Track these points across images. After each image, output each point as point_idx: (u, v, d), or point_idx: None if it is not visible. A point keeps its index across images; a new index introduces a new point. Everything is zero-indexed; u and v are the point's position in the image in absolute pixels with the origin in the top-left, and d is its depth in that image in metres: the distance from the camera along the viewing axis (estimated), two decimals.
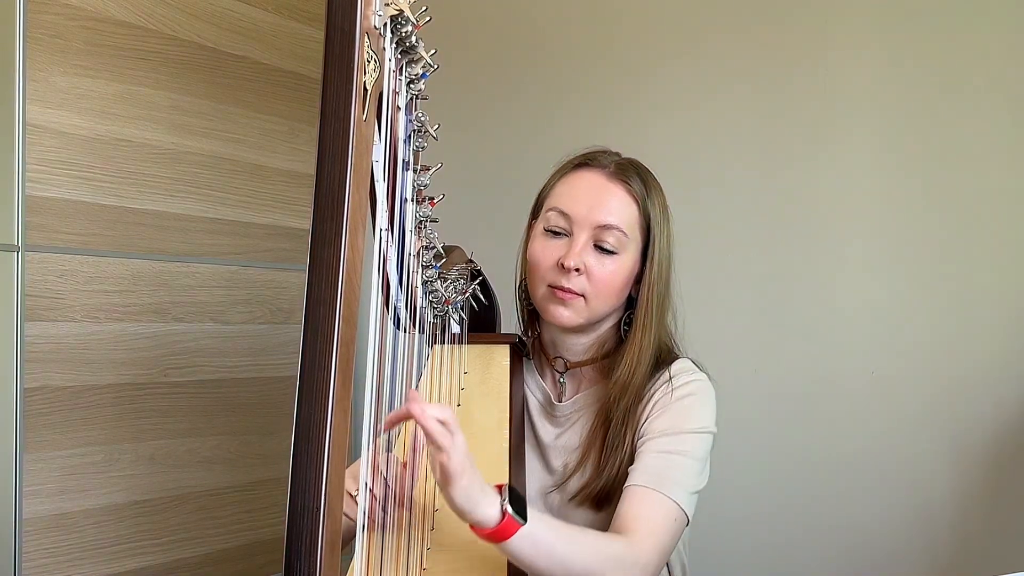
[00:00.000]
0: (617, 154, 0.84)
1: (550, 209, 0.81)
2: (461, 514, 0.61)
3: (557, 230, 0.80)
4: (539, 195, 0.85)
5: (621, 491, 0.76)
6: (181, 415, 1.25)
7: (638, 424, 0.79)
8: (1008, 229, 1.12)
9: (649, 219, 0.80)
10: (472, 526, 0.61)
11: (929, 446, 1.15)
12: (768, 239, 1.26)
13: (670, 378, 0.80)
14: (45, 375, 1.09)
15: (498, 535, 0.61)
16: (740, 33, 1.28)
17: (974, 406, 1.12)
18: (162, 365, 1.23)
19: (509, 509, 0.61)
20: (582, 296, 0.79)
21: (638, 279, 0.81)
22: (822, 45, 1.23)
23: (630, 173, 0.80)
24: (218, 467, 1.30)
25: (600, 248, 0.78)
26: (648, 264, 0.80)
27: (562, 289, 0.79)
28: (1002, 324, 1.11)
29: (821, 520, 1.21)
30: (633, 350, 0.80)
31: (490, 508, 0.60)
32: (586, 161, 0.82)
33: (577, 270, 0.78)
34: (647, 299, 0.80)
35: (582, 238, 0.78)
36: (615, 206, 0.79)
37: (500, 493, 0.62)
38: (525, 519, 0.62)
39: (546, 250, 0.80)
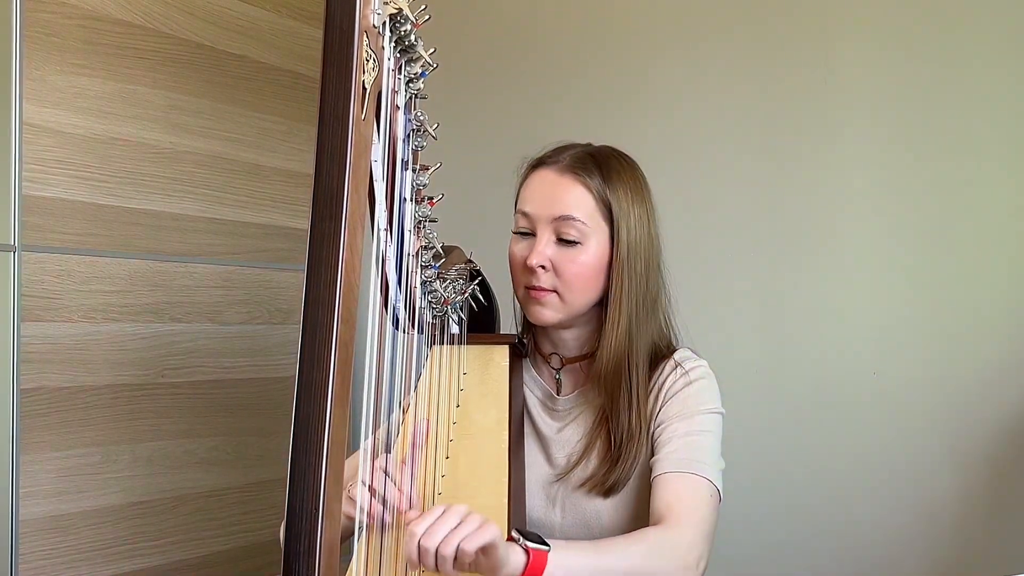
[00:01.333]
0: (588, 144, 0.85)
1: (516, 213, 0.83)
2: (495, 573, 0.62)
3: (522, 231, 0.82)
4: (515, 202, 0.86)
5: (629, 478, 0.77)
6: (179, 416, 1.24)
7: (652, 415, 0.80)
8: (1013, 229, 1.11)
9: (609, 204, 0.80)
10: None
11: (931, 447, 1.14)
12: (769, 238, 1.26)
13: (677, 365, 0.81)
14: (42, 376, 1.08)
15: (532, 574, 0.62)
16: (740, 27, 1.28)
17: (977, 407, 1.11)
18: (159, 366, 1.22)
19: (530, 544, 0.63)
20: (554, 291, 0.80)
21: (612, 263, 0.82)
22: (824, 39, 1.22)
23: (585, 163, 0.80)
24: (216, 468, 1.29)
25: (564, 241, 0.79)
26: (615, 247, 0.80)
27: (534, 288, 0.80)
28: (1005, 324, 1.11)
29: (822, 521, 1.21)
30: (608, 328, 0.80)
31: (514, 553, 0.62)
32: (540, 161, 0.83)
33: (543, 267, 0.79)
34: (617, 277, 0.80)
35: (544, 235, 0.79)
36: (569, 199, 0.79)
37: (513, 539, 0.64)
38: (548, 545, 0.63)
39: (516, 252, 0.82)
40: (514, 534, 0.64)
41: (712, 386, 0.81)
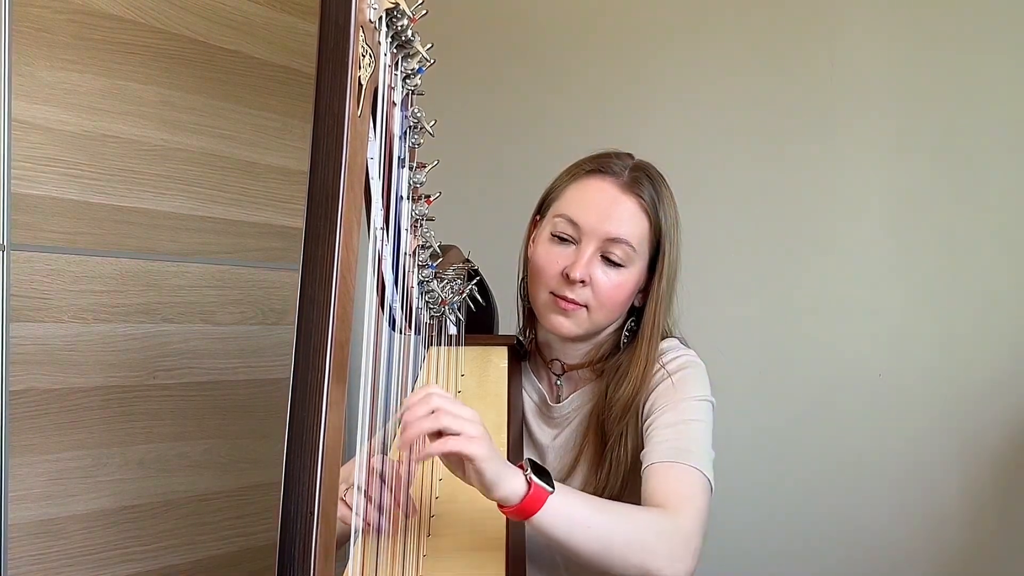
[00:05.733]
0: (630, 156, 0.82)
1: (558, 215, 0.79)
2: (486, 491, 0.58)
3: (564, 237, 0.78)
4: (547, 194, 0.83)
5: (620, 499, 0.75)
6: (171, 418, 1.23)
7: (639, 416, 0.78)
8: (1020, 229, 1.09)
9: (660, 232, 0.78)
10: (500, 506, 0.59)
11: (938, 449, 1.13)
12: (772, 237, 1.24)
13: (657, 356, 0.79)
14: (31, 377, 1.07)
15: (527, 508, 0.59)
16: (743, 18, 1.26)
17: (984, 408, 1.10)
18: (151, 367, 1.20)
19: (535, 479, 0.59)
20: (584, 307, 0.78)
21: (642, 288, 0.80)
22: (829, 28, 1.20)
23: (643, 183, 0.78)
24: (209, 471, 1.28)
25: (607, 260, 0.77)
26: (656, 278, 0.79)
27: (565, 299, 0.77)
28: (1012, 324, 1.09)
29: (827, 524, 1.20)
30: (637, 368, 0.78)
31: (515, 480, 0.59)
32: (599, 168, 0.80)
33: (583, 282, 0.77)
34: (654, 313, 0.79)
35: (589, 249, 0.77)
36: (626, 219, 0.77)
37: (523, 469, 0.61)
38: (552, 488, 0.60)
39: (551, 256, 0.79)
40: (524, 462, 0.60)
41: (697, 375, 0.78)
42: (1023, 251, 1.10)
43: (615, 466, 0.77)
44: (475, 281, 0.85)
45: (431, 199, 0.69)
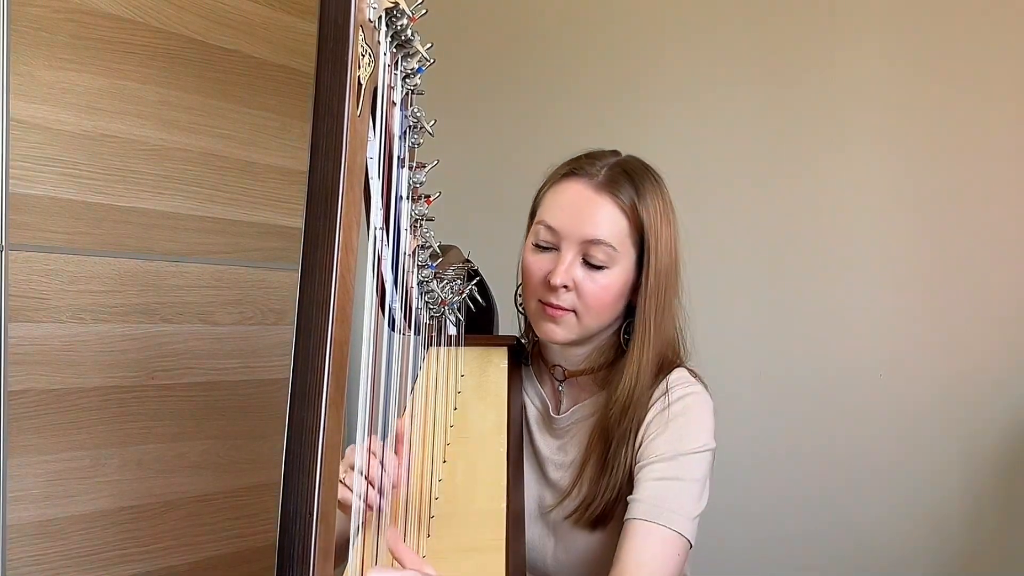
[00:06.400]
0: (615, 153, 0.81)
1: (539, 222, 0.79)
2: None
3: (545, 244, 0.78)
4: (533, 202, 0.83)
5: (615, 511, 0.75)
6: (169, 419, 1.22)
7: (636, 445, 0.77)
8: (1018, 229, 1.10)
9: (643, 228, 0.76)
10: None
11: (939, 449, 1.13)
12: (773, 238, 1.25)
13: (667, 391, 0.77)
14: (29, 378, 1.06)
15: None
16: (744, 25, 1.26)
17: (984, 408, 1.11)
18: (150, 367, 1.20)
19: None
20: (573, 312, 0.77)
21: (636, 287, 0.79)
22: (829, 37, 1.21)
23: (619, 181, 0.76)
24: (208, 472, 1.27)
25: (588, 263, 0.76)
26: (645, 275, 0.77)
27: (551, 306, 0.77)
28: (1011, 324, 1.10)
29: (829, 523, 1.20)
30: (632, 367, 0.77)
31: None
32: (573, 170, 0.78)
33: (565, 287, 0.76)
34: (645, 311, 0.77)
35: (569, 254, 0.76)
36: (602, 220, 0.75)
37: None
38: None
39: (535, 264, 0.78)
40: None
41: (699, 418, 0.76)
42: (1021, 251, 1.10)
43: (614, 470, 0.76)
44: (475, 281, 0.85)
45: (431, 199, 0.69)
